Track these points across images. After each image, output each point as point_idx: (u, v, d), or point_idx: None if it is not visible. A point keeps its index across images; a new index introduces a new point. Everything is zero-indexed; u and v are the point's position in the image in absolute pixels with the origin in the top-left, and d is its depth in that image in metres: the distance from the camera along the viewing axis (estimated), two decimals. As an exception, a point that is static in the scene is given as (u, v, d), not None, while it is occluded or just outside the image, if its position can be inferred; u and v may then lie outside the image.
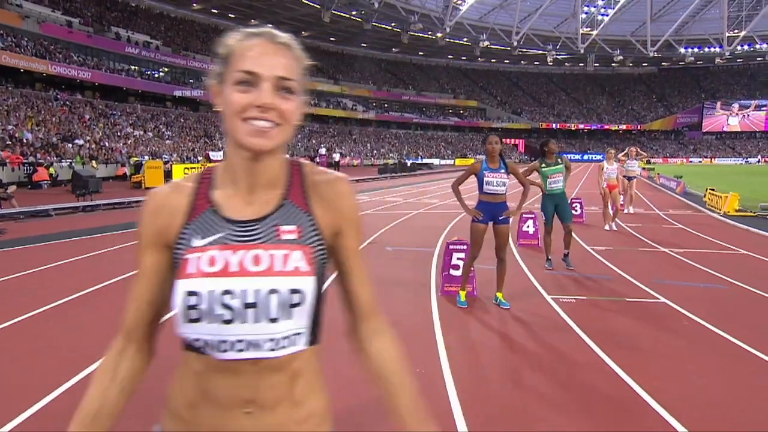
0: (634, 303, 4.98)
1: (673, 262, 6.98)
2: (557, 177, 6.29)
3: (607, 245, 8.06)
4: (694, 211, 12.88)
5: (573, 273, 6.19)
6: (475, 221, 4.68)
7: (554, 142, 6.44)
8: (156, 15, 50.94)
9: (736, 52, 69.56)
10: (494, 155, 4.60)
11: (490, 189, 4.63)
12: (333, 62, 66.12)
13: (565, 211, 6.36)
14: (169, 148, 32.68)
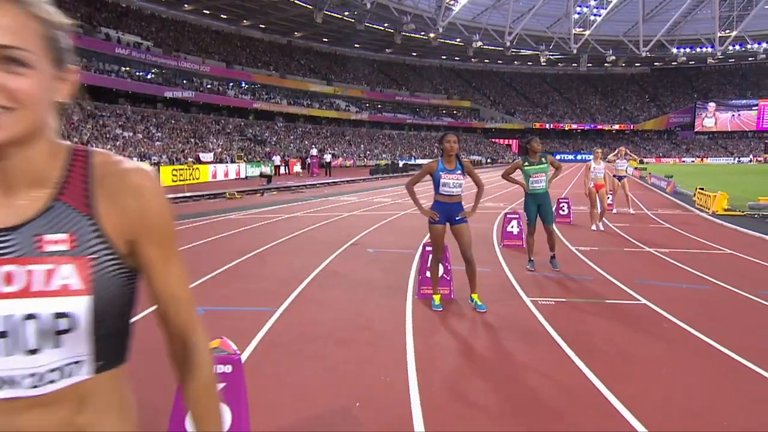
0: (614, 305, 4.88)
1: (658, 262, 6.89)
2: (540, 177, 6.15)
3: (592, 245, 7.97)
4: (683, 211, 12.84)
5: (554, 274, 6.09)
6: (432, 222, 4.61)
7: (537, 141, 6.30)
8: (147, 16, 50.58)
9: (727, 52, 69.88)
10: (451, 155, 4.51)
11: (446, 190, 4.54)
12: (326, 63, 65.91)
13: (547, 212, 6.21)
14: (159, 149, 32.42)
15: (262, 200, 15.82)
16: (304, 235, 9.02)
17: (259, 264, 6.64)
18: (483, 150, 69.95)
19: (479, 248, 7.60)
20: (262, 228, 9.86)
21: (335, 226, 10.04)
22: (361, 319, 4.38)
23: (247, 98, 50.15)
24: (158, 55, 44.07)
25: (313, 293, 5.18)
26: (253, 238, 8.57)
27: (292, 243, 8.22)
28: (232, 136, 43.92)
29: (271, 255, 7.24)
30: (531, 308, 4.73)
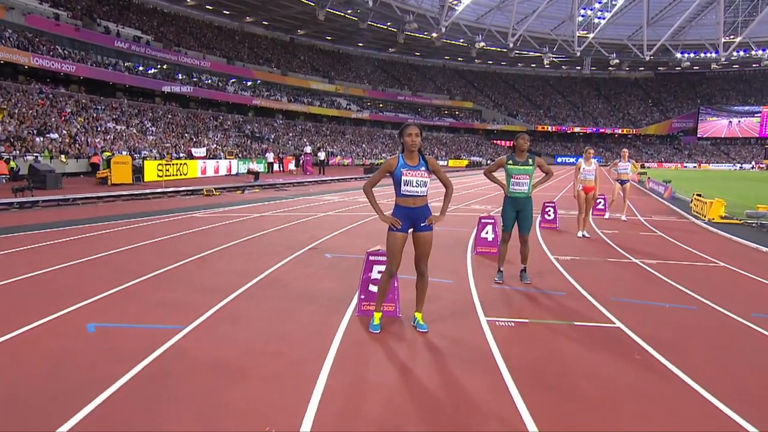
0: (583, 328, 4.22)
1: (642, 275, 6.24)
2: (522, 179, 5.49)
3: (573, 254, 7.31)
4: (678, 218, 12.17)
5: (523, 288, 5.44)
6: (392, 230, 3.95)
7: (526, 138, 5.56)
8: (149, 10, 50.33)
9: (732, 57, 69.30)
10: (413, 150, 3.89)
11: (409, 190, 3.89)
12: (328, 61, 65.69)
13: (526, 219, 5.55)
14: (151, 143, 31.89)
15: (241, 198, 15.21)
16: (264, 236, 8.38)
17: (195, 269, 6.01)
18: (484, 151, 69.47)
19: (450, 255, 6.99)
20: (222, 228, 9.23)
21: (302, 228, 9.40)
22: (277, 343, 3.73)
23: (246, 95, 49.87)
24: (158, 50, 43.88)
25: (237, 307, 4.55)
26: (205, 239, 7.96)
27: (246, 245, 7.60)
28: (229, 132, 43.49)
29: (216, 259, 6.61)
30: (485, 330, 4.08)
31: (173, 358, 3.41)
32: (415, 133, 3.87)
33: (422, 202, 3.95)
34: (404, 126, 3.92)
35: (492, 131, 75.99)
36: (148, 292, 5.00)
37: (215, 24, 56.07)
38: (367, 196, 4.05)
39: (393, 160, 3.94)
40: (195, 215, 10.82)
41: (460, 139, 71.43)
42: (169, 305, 4.55)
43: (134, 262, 6.35)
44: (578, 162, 9.33)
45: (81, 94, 35.87)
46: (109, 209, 11.68)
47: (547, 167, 5.77)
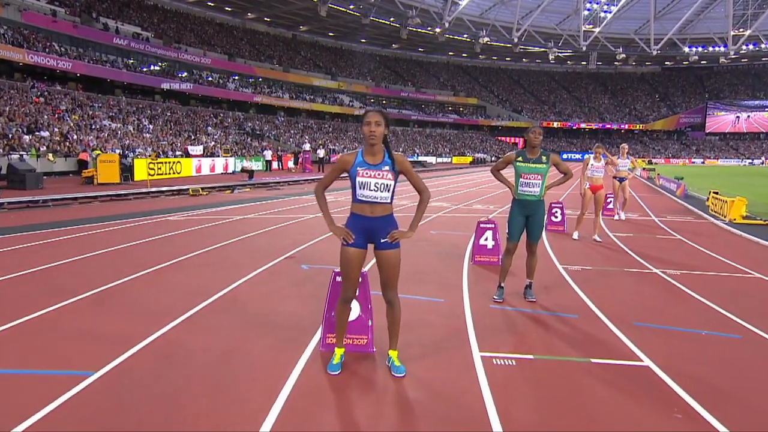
0: (603, 367, 3.33)
1: (666, 289, 5.35)
2: (534, 179, 4.61)
3: (584, 263, 6.43)
4: (695, 218, 11.27)
5: (528, 308, 4.57)
6: (345, 245, 3.16)
7: (538, 132, 4.66)
8: (149, 7, 49.86)
9: (741, 51, 67.97)
10: (374, 143, 3.04)
11: (366, 195, 3.06)
12: (331, 57, 65.13)
13: (536, 226, 4.70)
14: (146, 141, 31.21)
15: (229, 198, 14.40)
16: (239, 242, 7.54)
17: (142, 287, 5.11)
18: (489, 148, 68.57)
19: (444, 264, 6.16)
20: (196, 233, 8.38)
21: (286, 232, 8.56)
22: (209, 395, 2.86)
23: (248, 92, 49.35)
24: (158, 47, 43.48)
25: (174, 340, 3.68)
26: (171, 247, 7.10)
27: (215, 254, 6.76)
28: (229, 130, 42.86)
29: (173, 272, 5.74)
30: (479, 372, 3.22)
31: (61, 420, 2.58)
32: (375, 121, 3.01)
33: (382, 211, 3.10)
34: (366, 111, 3.08)
35: (497, 127, 75.07)
36: (70, 318, 4.13)
37: (216, 21, 55.64)
38: (318, 200, 3.25)
39: (349, 156, 3.11)
40: (170, 218, 10.00)
41: (464, 136, 70.49)
42: (89, 338, 3.67)
43: (73, 277, 5.46)
44: (586, 158, 8.52)
45: (78, 91, 35.28)
46: (80, 212, 10.84)
47: (565, 166, 4.85)
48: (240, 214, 10.87)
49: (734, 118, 75.78)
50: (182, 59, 44.97)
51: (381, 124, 3.03)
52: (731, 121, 75.99)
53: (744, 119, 75.25)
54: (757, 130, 74.93)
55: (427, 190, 3.27)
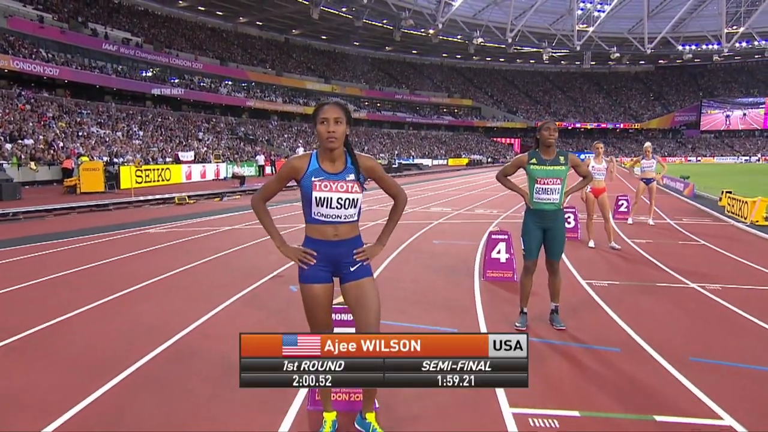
0: (672, 428, 2.60)
1: (713, 310, 4.60)
2: (553, 183, 3.92)
3: (609, 277, 5.71)
4: (713, 220, 10.61)
5: (557, 339, 3.83)
6: (304, 278, 2.42)
7: (553, 128, 3.95)
8: (139, 12, 49.13)
9: (734, 49, 67.97)
10: (334, 146, 2.32)
11: (326, 215, 2.35)
12: (324, 60, 64.70)
13: (556, 240, 4.01)
14: (136, 148, 30.44)
15: (218, 206, 13.66)
16: (221, 260, 6.78)
17: (92, 322, 4.21)
18: (484, 149, 68.11)
19: (451, 281, 5.45)
20: (174, 249, 7.59)
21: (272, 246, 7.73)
22: None
23: (240, 96, 48.75)
24: (148, 52, 42.80)
25: (112, 408, 2.79)
26: (141, 267, 6.29)
27: (191, 275, 5.97)
28: (221, 135, 42.15)
29: (137, 300, 4.89)
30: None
31: None
32: (334, 118, 2.29)
33: (349, 232, 2.40)
34: (319, 104, 2.35)
35: (492, 129, 74.72)
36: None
37: (208, 25, 55.03)
38: (257, 213, 2.52)
39: (300, 161, 2.37)
40: (150, 231, 9.25)
41: (459, 138, 70.00)
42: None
43: (6, 313, 4.52)
44: (586, 159, 7.85)
45: (66, 98, 34.53)
46: (54, 225, 10.00)
47: (585, 168, 4.17)
48: (226, 224, 10.14)
49: (729, 116, 75.68)
50: (173, 64, 44.33)
51: (341, 121, 2.30)
52: (726, 118, 75.89)
53: (739, 117, 75.13)
54: (752, 127, 74.81)
55: (402, 192, 2.58)
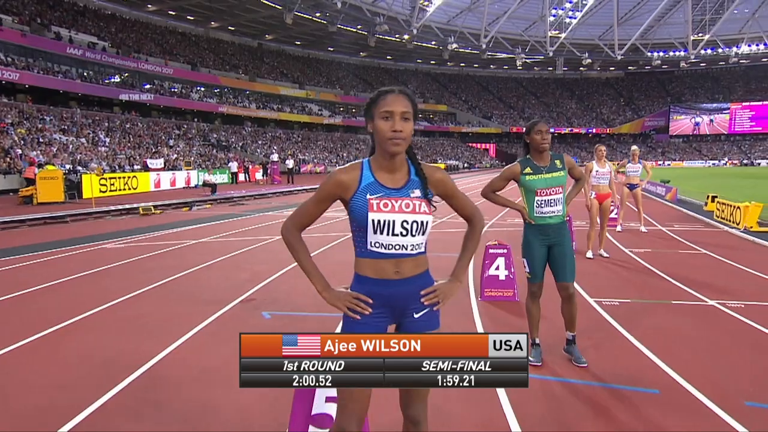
0: None
1: (747, 335, 4.01)
2: (555, 193, 3.39)
3: (618, 294, 5.15)
4: (704, 226, 10.29)
5: (583, 380, 3.20)
6: (350, 326, 1.76)
7: (545, 129, 3.38)
8: (106, 16, 47.65)
9: (700, 55, 70.00)
10: (397, 150, 1.75)
11: (386, 243, 1.76)
12: (298, 66, 64.07)
13: (565, 258, 3.43)
14: (101, 155, 29.13)
15: (186, 217, 12.78)
16: (183, 280, 5.98)
17: (13, 368, 3.48)
18: (460, 154, 68.17)
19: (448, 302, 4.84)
20: (130, 268, 6.74)
21: (244, 260, 7.07)
22: None
23: (212, 102, 47.58)
24: (115, 57, 41.46)
25: None
26: (88, 292, 5.43)
27: (145, 301, 5.14)
28: (193, 141, 40.96)
29: (76, 334, 4.07)
30: None
31: None
32: (401, 113, 1.72)
33: (414, 268, 1.80)
34: (378, 94, 1.78)
35: (467, 134, 75.00)
36: None
37: (179, 30, 53.82)
38: (290, 247, 1.88)
39: (348, 174, 1.80)
40: (107, 246, 8.37)
41: (435, 143, 69.96)
42: None
43: None
44: (588, 164, 7.39)
45: (28, 104, 33.00)
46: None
47: (579, 170, 3.65)
48: (194, 237, 9.32)
49: (696, 121, 77.65)
50: (142, 69, 42.99)
51: (410, 116, 1.74)
52: (693, 123, 77.85)
53: (706, 122, 77.13)
54: (718, 132, 76.89)
55: (478, 212, 2.01)
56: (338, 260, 6.90)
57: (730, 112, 75.54)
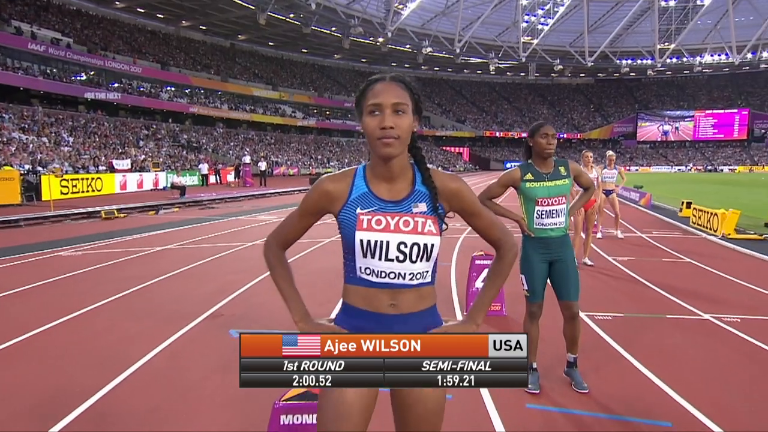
0: None
1: (753, 355, 3.81)
2: (557, 203, 3.10)
3: (610, 308, 4.90)
4: (682, 233, 10.26)
5: (586, 411, 2.91)
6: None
7: (552, 133, 3.08)
8: (71, 12, 46.02)
9: (666, 63, 72.22)
10: (388, 150, 1.43)
11: (379, 269, 1.42)
12: (271, 67, 63.31)
13: (568, 275, 3.12)
14: (64, 155, 27.94)
15: (151, 221, 12.15)
16: (144, 291, 5.50)
17: None
18: (434, 158, 68.37)
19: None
20: (85, 279, 6.17)
21: (212, 270, 6.60)
22: None
23: (183, 102, 46.41)
24: (80, 53, 39.98)
25: None
26: (31, 309, 4.87)
27: (97, 317, 4.63)
28: (162, 142, 39.81)
29: (8, 363, 3.58)
30: None
31: None
32: (392, 105, 1.43)
33: (415, 303, 1.47)
34: (366, 84, 1.53)
35: (441, 137, 75.37)
36: None
37: (148, 28, 52.42)
38: (270, 267, 1.57)
39: (336, 183, 1.50)
40: (63, 254, 7.76)
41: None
42: None
43: None
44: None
45: (-17, 102, 31.46)
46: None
47: (587, 177, 3.33)
48: (159, 243, 8.77)
49: (661, 127, 79.85)
50: (109, 67, 41.59)
51: (406, 108, 1.43)
52: (659, 130, 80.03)
53: (672, 129, 79.37)
54: (683, 138, 79.21)
55: (509, 236, 1.58)
56: (317, 269, 6.51)
57: (694, 119, 77.93)
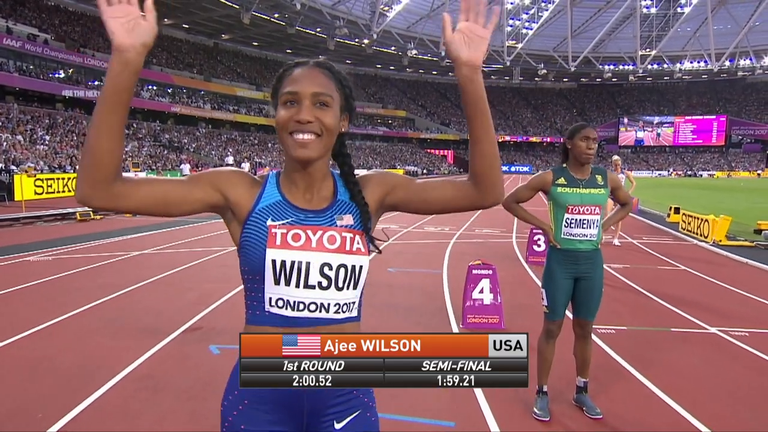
0: None
1: (760, 369, 3.67)
2: (590, 213, 2.83)
3: (611, 320, 4.65)
4: (673, 239, 10.17)
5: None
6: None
7: (592, 135, 2.87)
8: (50, 7, 44.96)
9: (648, 69, 73.49)
10: (303, 153, 1.16)
11: (290, 302, 1.17)
12: (255, 67, 62.89)
13: (592, 294, 2.88)
14: (40, 154, 27.13)
15: (129, 224, 11.68)
16: (117, 301, 5.12)
17: None
18: (419, 160, 68.39)
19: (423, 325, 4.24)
20: (53, 286, 5.78)
21: (193, 277, 6.26)
22: None
23: (164, 101, 45.64)
24: (59, 50, 39.04)
25: None
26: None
27: (62, 332, 4.26)
28: (143, 141, 39.03)
29: None
30: None
31: None
32: (311, 95, 1.16)
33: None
34: (283, 69, 1.25)
35: (426, 140, 75.56)
36: None
37: (130, 26, 51.50)
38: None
39: (244, 180, 1.21)
40: (32, 259, 7.31)
41: (394, 149, 69.96)
42: None
43: None
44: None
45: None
46: None
47: (625, 193, 3.06)
48: (136, 247, 8.36)
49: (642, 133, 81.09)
50: (88, 65, 40.70)
51: (329, 101, 1.17)
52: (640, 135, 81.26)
53: (652, 135, 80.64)
54: (663, 143, 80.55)
55: None
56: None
57: (674, 125, 79.29)
